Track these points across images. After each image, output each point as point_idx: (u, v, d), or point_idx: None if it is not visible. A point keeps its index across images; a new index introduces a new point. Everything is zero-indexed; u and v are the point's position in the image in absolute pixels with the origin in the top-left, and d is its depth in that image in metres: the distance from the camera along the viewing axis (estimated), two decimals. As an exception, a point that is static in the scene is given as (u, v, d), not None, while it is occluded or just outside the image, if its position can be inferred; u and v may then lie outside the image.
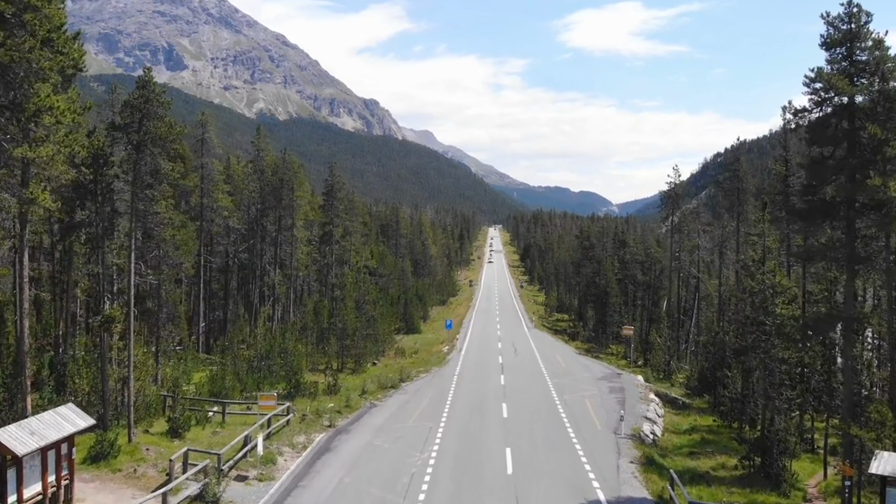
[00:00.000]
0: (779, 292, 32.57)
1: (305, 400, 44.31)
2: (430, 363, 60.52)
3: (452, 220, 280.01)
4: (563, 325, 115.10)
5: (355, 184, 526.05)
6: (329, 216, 67.17)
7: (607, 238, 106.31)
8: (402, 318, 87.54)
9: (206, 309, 60.34)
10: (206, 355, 56.04)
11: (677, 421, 45.52)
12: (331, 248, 67.16)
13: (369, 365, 60.69)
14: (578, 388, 47.78)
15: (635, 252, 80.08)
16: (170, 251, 43.37)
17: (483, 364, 58.06)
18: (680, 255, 74.19)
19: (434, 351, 70.43)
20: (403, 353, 68.14)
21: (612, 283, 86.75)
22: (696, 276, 75.26)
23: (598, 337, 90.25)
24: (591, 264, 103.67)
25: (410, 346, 75.60)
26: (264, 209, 60.23)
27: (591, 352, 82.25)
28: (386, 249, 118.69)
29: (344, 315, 55.88)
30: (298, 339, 55.37)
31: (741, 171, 60.56)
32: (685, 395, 57.08)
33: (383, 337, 66.69)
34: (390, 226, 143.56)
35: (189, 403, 39.87)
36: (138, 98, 31.94)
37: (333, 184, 66.95)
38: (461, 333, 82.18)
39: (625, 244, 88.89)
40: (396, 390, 47.90)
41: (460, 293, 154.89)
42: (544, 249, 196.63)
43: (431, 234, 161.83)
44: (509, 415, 39.28)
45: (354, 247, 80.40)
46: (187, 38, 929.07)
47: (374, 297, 66.98)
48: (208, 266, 58.68)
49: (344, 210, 74.84)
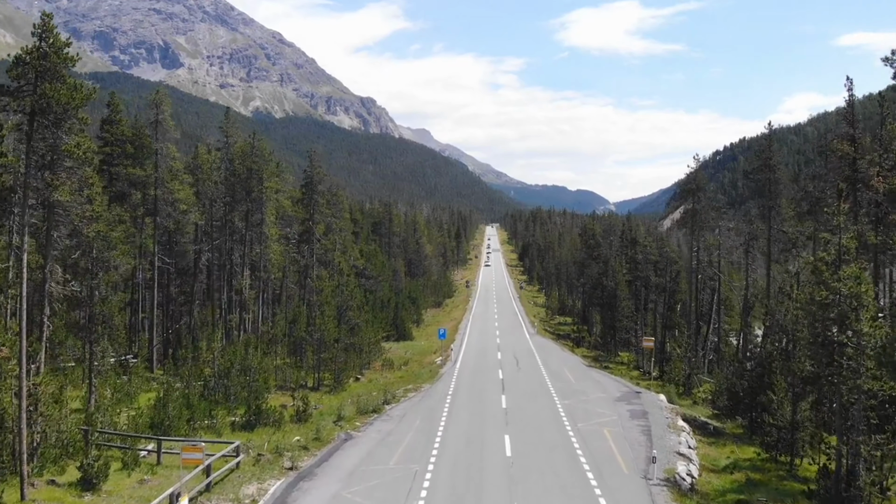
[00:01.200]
0: (863, 305, 25.13)
1: (267, 430, 36.85)
2: (420, 378, 53.00)
3: (449, 219, 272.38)
4: (566, 329, 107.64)
5: (352, 182, 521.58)
6: (309, 211, 59.69)
7: (614, 236, 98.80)
8: (393, 323, 80.00)
9: (166, 318, 52.82)
10: (161, 372, 48.61)
11: (713, 455, 38.05)
12: (311, 247, 59.62)
13: (351, 381, 53.20)
14: (594, 413, 40.28)
15: (648, 251, 72.53)
16: (102, 251, 35.88)
17: (481, 380, 50.60)
18: (699, 253, 66.78)
19: (426, 362, 62.91)
20: (392, 364, 60.62)
21: (622, 286, 79.25)
22: (714, 276, 67.86)
23: (605, 343, 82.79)
24: (597, 264, 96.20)
25: (400, 355, 68.06)
26: (233, 203, 52.63)
27: (599, 360, 74.80)
28: (377, 248, 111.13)
29: (321, 324, 48.34)
30: (267, 353, 47.91)
31: (773, 159, 53.02)
32: (712, 415, 49.69)
33: (369, 347, 59.20)
34: (383, 223, 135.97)
35: (118, 440, 32.40)
36: (32, 53, 24.45)
37: (313, 175, 59.26)
38: (457, 341, 74.65)
39: (635, 242, 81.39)
40: (379, 416, 40.39)
41: (457, 294, 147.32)
42: (544, 248, 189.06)
43: (426, 232, 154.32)
44: (514, 452, 31.79)
45: (340, 246, 72.93)
46: (183, 36, 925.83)
47: (358, 302, 59.48)
48: (166, 269, 51.12)
49: (326, 205, 67.35)
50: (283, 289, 64.91)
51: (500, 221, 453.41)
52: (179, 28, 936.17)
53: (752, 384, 43.81)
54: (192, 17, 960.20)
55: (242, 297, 50.86)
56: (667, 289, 67.83)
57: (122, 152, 48.31)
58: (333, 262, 67.89)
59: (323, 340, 48.10)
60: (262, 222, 50.62)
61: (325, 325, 48.26)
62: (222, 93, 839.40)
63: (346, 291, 58.16)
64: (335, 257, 68.13)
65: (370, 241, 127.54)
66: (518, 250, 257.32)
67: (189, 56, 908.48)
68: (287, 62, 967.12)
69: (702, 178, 61.03)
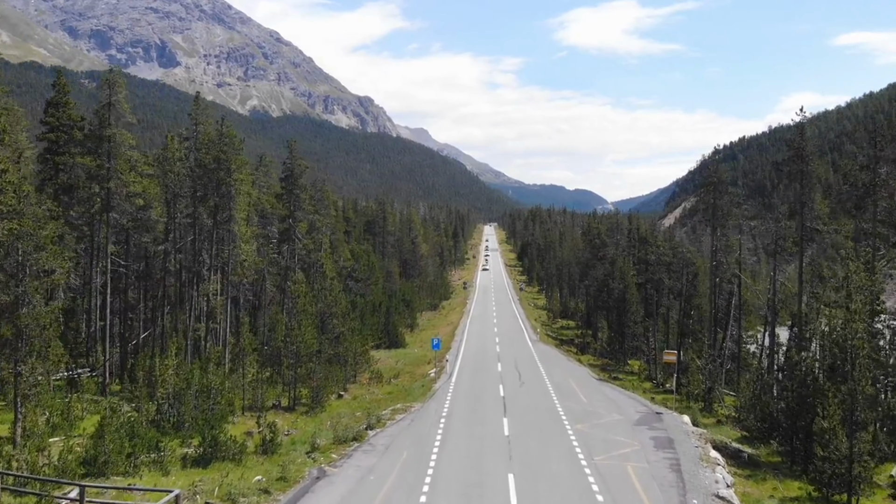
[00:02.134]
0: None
1: (225, 466, 30.87)
2: (411, 395, 47.03)
3: (446, 218, 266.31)
4: (568, 334, 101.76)
5: (349, 181, 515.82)
6: (289, 208, 53.71)
7: (620, 235, 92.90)
8: (384, 329, 74.02)
9: (124, 327, 46.85)
10: (120, 389, 42.61)
11: (755, 493, 32.13)
12: (291, 247, 53.63)
13: (333, 398, 47.22)
14: (612, 443, 34.33)
15: (661, 251, 66.55)
16: (29, 253, 29.97)
17: (479, 397, 44.63)
18: (717, 253, 60.93)
19: (419, 374, 56.95)
20: (380, 377, 54.66)
21: (632, 289, 73.36)
22: (732, 278, 61.96)
23: (613, 350, 76.90)
24: (603, 265, 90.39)
25: (391, 366, 62.13)
26: (203, 197, 46.59)
27: (608, 370, 68.96)
28: (370, 248, 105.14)
29: (297, 334, 42.35)
30: (234, 369, 41.98)
31: (807, 148, 47.11)
32: (742, 438, 43.83)
33: (355, 358, 53.31)
34: (376, 222, 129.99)
35: (35, 484, 26.44)
36: None
37: (293, 167, 53.20)
38: (453, 349, 68.68)
39: (645, 242, 75.47)
40: (360, 444, 34.41)
41: (454, 295, 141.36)
42: (544, 248, 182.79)
43: (422, 231, 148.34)
44: (520, 500, 25.88)
45: (325, 246, 67.02)
46: (180, 35, 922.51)
47: (343, 308, 53.55)
48: (122, 272, 45.12)
49: (310, 201, 61.41)
50: (262, 293, 58.99)
51: (498, 221, 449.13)
52: (176, 27, 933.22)
53: (791, 405, 37.91)
54: (189, 16, 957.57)
55: (210, 305, 44.89)
56: (683, 292, 61.81)
57: (70, 139, 42.54)
58: (317, 263, 61.99)
59: (298, 353, 42.12)
60: (231, 219, 44.62)
61: (301, 336, 42.27)
62: (219, 92, 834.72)
63: (329, 296, 52.30)
64: (319, 258, 62.15)
65: (363, 240, 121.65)
66: (517, 250, 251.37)
67: (186, 55, 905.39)
68: (284, 61, 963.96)
69: (722, 170, 55.06)
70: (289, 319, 43.11)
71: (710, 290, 61.74)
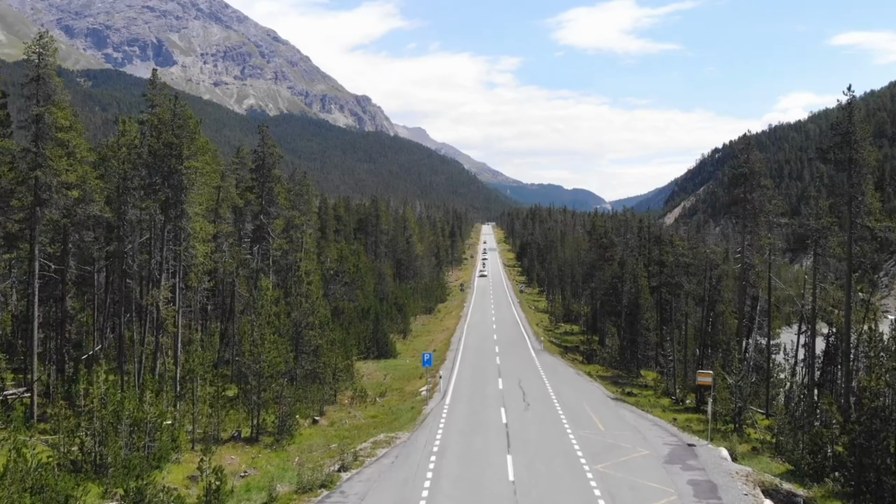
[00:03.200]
0: None
1: (152, 528, 24.16)
2: (398, 421, 40.19)
3: (444, 217, 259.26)
4: (572, 340, 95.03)
5: (346, 180, 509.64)
6: (260, 202, 46.91)
7: (630, 234, 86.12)
8: (373, 337, 67.19)
9: (62, 339, 40.00)
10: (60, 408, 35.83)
11: (828, 560, 25.47)
12: (262, 246, 46.81)
13: (308, 423, 40.50)
14: (643, 491, 27.50)
15: (679, 252, 59.71)
16: None
17: (478, 425, 37.81)
18: (746, 254, 54.31)
19: (409, 392, 50.17)
20: (364, 396, 47.88)
21: (645, 293, 66.67)
22: (756, 282, 55.31)
23: (624, 360, 70.22)
24: (611, 267, 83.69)
25: (378, 380, 55.45)
26: (153, 189, 39.78)
27: (620, 383, 62.28)
28: (360, 248, 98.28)
29: (259, 351, 35.53)
30: (181, 396, 35.20)
31: (857, 132, 40.38)
32: (788, 473, 37.12)
33: (334, 375, 46.54)
34: (369, 221, 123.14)
35: None
36: None
37: (265, 156, 46.28)
38: (448, 361, 61.87)
39: (660, 241, 68.69)
40: (330, 493, 27.59)
41: (450, 298, 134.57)
42: (544, 248, 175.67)
43: (417, 230, 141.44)
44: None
45: (309, 245, 60.29)
46: (177, 34, 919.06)
47: (323, 316, 46.78)
48: (52, 276, 38.21)
49: (287, 195, 54.68)
50: (232, 301, 52.15)
51: (496, 220, 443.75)
52: (173, 26, 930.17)
53: (858, 442, 31.22)
54: (185, 15, 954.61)
55: (159, 315, 38.07)
56: (706, 298, 54.96)
57: (-10, 120, 35.92)
58: (295, 265, 55.22)
59: (262, 374, 35.31)
60: (183, 215, 37.79)
61: (264, 353, 35.46)
62: (216, 91, 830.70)
63: (305, 303, 45.53)
64: (297, 259, 55.34)
65: (354, 240, 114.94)
66: (515, 249, 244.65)
67: (182, 54, 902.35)
68: (281, 60, 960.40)
69: (756, 160, 48.27)
70: (252, 332, 36.29)
71: (737, 295, 55.07)
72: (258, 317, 35.97)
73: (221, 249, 53.76)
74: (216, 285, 53.89)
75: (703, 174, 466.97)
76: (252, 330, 36.41)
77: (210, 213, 50.79)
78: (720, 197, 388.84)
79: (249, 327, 36.96)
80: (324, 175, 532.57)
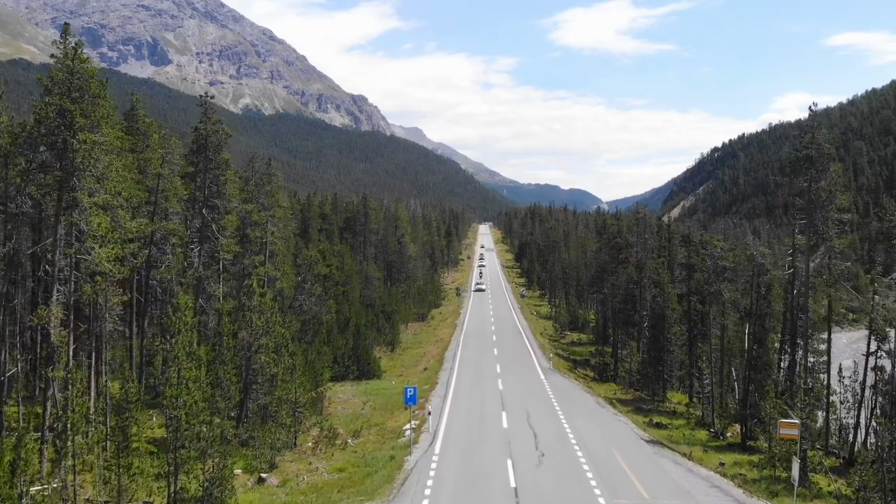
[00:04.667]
0: None
1: None
2: (370, 479, 30.06)
3: (440, 216, 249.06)
4: (581, 352, 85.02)
5: (342, 180, 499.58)
6: (203, 192, 36.75)
7: (649, 233, 76.09)
8: (352, 354, 57.15)
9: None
10: None
11: None
12: (202, 248, 36.59)
13: (250, 483, 30.49)
14: None
15: (718, 254, 49.65)
16: None
17: (477, 491, 27.80)
18: (795, 258, 44.50)
19: (391, 430, 40.07)
20: (334, 437, 37.81)
21: (673, 303, 56.81)
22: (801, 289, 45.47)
23: (645, 378, 60.35)
24: (626, 270, 73.75)
25: (355, 411, 45.44)
26: (43, 170, 29.77)
27: (643, 409, 52.48)
28: (345, 249, 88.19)
29: (175, 392, 25.53)
30: (61, 448, 25.09)
31: None
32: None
33: (293, 413, 36.51)
34: (357, 219, 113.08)
35: None
36: None
37: (208, 134, 36.01)
38: (441, 384, 51.74)
39: (688, 241, 58.68)
40: None
41: (445, 302, 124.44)
42: (545, 249, 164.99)
43: (410, 229, 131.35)
44: None
45: (271, 247, 50.23)
46: (172, 33, 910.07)
47: (279, 337, 36.76)
48: None
49: (235, 183, 44.79)
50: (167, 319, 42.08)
51: (493, 220, 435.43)
52: (168, 25, 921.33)
53: None
54: (181, 14, 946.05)
55: (49, 342, 28.06)
56: (754, 311, 44.93)
57: None
58: (254, 271, 45.15)
59: (179, 425, 25.31)
60: (76, 205, 27.76)
61: (182, 395, 25.47)
62: (211, 90, 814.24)
63: (257, 321, 35.55)
64: (254, 263, 45.22)
65: (342, 240, 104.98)
66: (514, 250, 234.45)
67: (178, 53, 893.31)
68: (277, 59, 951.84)
69: (823, 140, 38.28)
70: (170, 365, 26.32)
71: (790, 304, 45.19)
72: (173, 346, 26.02)
73: (165, 252, 43.83)
74: (148, 297, 43.81)
75: (703, 174, 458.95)
76: (170, 361, 26.41)
77: (147, 206, 40.87)
78: (720, 197, 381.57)
79: (171, 358, 26.92)
80: (319, 174, 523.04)
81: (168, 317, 27.00)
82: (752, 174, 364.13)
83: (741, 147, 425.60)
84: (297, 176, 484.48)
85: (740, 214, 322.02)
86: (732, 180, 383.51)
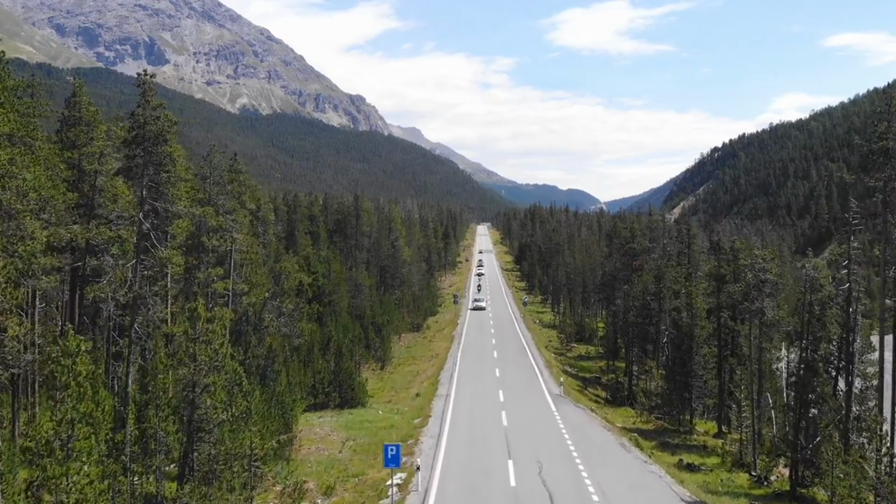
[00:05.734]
0: None
1: None
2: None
3: (437, 217, 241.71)
4: (590, 367, 77.85)
5: (340, 180, 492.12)
6: (142, 189, 29.46)
7: (668, 238, 68.86)
8: (333, 379, 49.78)
9: None
10: None
11: None
12: (142, 262, 29.45)
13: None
14: None
15: (759, 266, 42.31)
16: None
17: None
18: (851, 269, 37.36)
19: (371, 484, 32.57)
20: (300, 497, 30.43)
21: (702, 320, 49.54)
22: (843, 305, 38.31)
23: (670, 405, 53.10)
24: (641, 279, 66.53)
25: (331, 453, 38.07)
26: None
27: (668, 443, 45.34)
28: (332, 255, 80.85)
29: (55, 471, 18.27)
30: None
31: None
32: None
33: (249, 469, 29.15)
34: (348, 221, 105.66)
35: None
36: None
37: (146, 121, 28.93)
38: (434, 420, 44.25)
39: (718, 249, 51.39)
40: None
41: (442, 309, 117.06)
42: (547, 252, 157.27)
43: (404, 231, 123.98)
44: None
45: (235, 258, 42.88)
46: (169, 32, 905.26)
47: (231, 375, 29.43)
48: None
49: (203, 184, 37.53)
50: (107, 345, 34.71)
51: (491, 220, 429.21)
52: (165, 24, 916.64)
53: None
54: (178, 14, 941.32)
55: None
56: (806, 333, 37.71)
57: None
58: (212, 285, 37.92)
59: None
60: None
61: (71, 471, 18.18)
62: (209, 90, 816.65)
63: (202, 355, 28.23)
64: (208, 277, 37.75)
65: (331, 244, 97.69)
66: (514, 252, 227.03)
67: (175, 52, 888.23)
68: (275, 59, 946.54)
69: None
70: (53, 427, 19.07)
71: (847, 325, 38.02)
72: (59, 402, 18.76)
73: (106, 266, 36.49)
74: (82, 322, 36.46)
75: (703, 174, 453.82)
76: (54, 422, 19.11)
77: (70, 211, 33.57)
78: (721, 197, 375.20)
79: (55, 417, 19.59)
80: (317, 175, 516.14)
81: (55, 362, 19.61)
82: (754, 174, 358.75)
83: (742, 147, 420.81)
84: (294, 176, 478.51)
85: (742, 215, 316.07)
86: (733, 180, 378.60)
